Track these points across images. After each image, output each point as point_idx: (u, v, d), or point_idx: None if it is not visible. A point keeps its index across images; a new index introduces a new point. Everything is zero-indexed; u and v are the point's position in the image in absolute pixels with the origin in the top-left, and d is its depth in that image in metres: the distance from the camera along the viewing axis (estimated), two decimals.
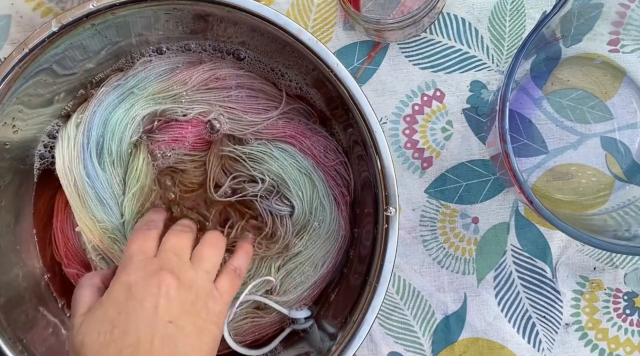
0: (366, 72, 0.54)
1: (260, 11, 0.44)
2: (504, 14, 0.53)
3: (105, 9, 0.44)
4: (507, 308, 0.53)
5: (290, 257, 0.50)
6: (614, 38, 0.49)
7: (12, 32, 0.55)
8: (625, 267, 0.53)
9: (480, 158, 0.53)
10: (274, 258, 0.50)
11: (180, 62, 0.50)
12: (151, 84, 0.49)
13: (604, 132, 0.50)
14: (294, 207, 0.49)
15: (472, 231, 0.53)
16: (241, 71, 0.50)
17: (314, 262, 0.50)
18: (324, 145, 0.50)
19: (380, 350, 0.54)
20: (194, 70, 0.49)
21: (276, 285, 0.50)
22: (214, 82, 0.49)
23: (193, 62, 0.50)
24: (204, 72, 0.49)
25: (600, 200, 0.50)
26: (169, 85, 0.49)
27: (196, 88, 0.49)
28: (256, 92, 0.50)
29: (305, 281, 0.50)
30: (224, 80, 0.50)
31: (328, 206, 0.49)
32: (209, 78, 0.49)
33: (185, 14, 0.47)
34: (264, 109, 0.49)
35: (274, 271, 0.50)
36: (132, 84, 0.49)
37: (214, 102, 0.49)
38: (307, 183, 0.49)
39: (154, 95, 0.49)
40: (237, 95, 0.49)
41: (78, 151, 0.48)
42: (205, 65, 0.50)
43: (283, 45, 0.48)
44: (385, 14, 0.53)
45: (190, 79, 0.49)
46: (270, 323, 0.51)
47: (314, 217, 0.49)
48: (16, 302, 0.48)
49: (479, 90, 0.53)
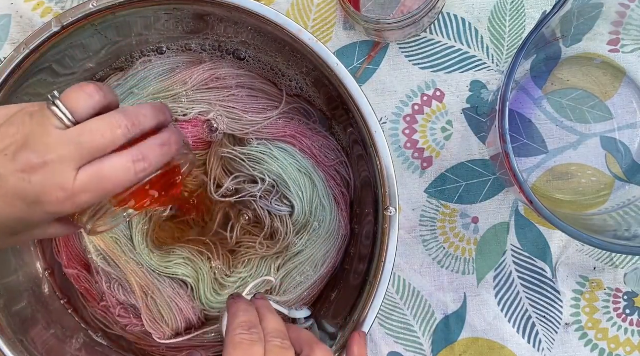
0: (366, 72, 0.54)
1: (260, 11, 0.44)
2: (504, 14, 0.53)
3: (105, 9, 0.44)
4: (507, 308, 0.53)
5: (290, 257, 0.50)
6: (614, 38, 0.49)
7: (12, 32, 0.55)
8: (625, 267, 0.53)
9: (480, 158, 0.53)
10: (274, 258, 0.50)
11: (180, 62, 0.50)
12: (151, 83, 0.49)
13: (604, 132, 0.50)
14: (294, 207, 0.49)
15: (472, 231, 0.53)
16: (241, 71, 0.50)
17: (314, 262, 0.50)
18: (324, 145, 0.50)
19: (380, 350, 0.54)
20: (194, 70, 0.49)
21: (276, 285, 0.50)
22: (214, 81, 0.49)
23: (193, 62, 0.50)
24: (204, 71, 0.49)
25: (600, 200, 0.50)
26: (169, 85, 0.49)
27: (196, 88, 0.49)
28: (256, 92, 0.50)
29: (305, 281, 0.50)
30: (224, 80, 0.50)
31: (328, 206, 0.49)
32: (209, 78, 0.49)
33: (186, 14, 0.47)
34: (264, 109, 0.49)
35: (273, 271, 0.50)
36: (132, 83, 0.49)
37: (214, 102, 0.49)
38: (307, 183, 0.49)
39: (154, 95, 0.49)
40: (237, 94, 0.49)
41: None
42: (205, 64, 0.50)
43: (283, 45, 0.48)
44: (385, 14, 0.53)
45: (190, 79, 0.49)
46: None
47: (314, 217, 0.49)
48: (17, 302, 0.48)
49: (479, 90, 0.53)
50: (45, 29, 0.44)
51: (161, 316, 0.50)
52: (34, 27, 0.54)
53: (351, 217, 0.51)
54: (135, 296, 0.50)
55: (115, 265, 0.50)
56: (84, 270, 0.52)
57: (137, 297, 0.50)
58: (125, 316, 0.51)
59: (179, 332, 0.51)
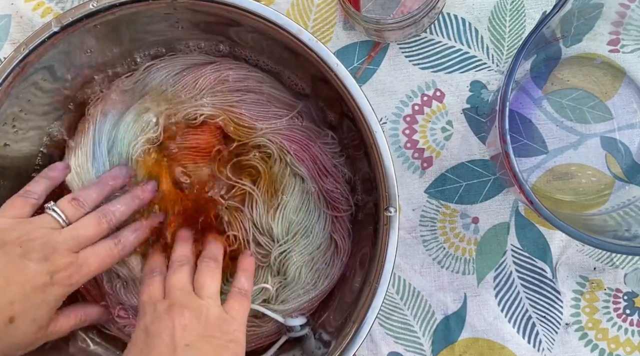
0: (366, 72, 0.54)
1: (260, 11, 0.44)
2: (504, 14, 0.53)
3: (105, 9, 0.44)
4: (507, 308, 0.53)
5: (283, 277, 0.50)
6: (614, 38, 0.49)
7: (12, 32, 0.55)
8: (625, 267, 0.53)
9: (480, 158, 0.53)
10: (269, 267, 0.50)
11: (184, 65, 0.50)
12: (156, 87, 0.49)
13: (604, 132, 0.50)
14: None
15: (472, 231, 0.53)
16: (250, 74, 0.50)
17: (306, 283, 0.50)
18: (326, 156, 0.50)
19: (380, 350, 0.54)
20: (199, 73, 0.49)
21: (273, 294, 0.50)
22: (220, 84, 0.49)
23: (198, 65, 0.50)
24: (211, 73, 0.49)
25: (600, 200, 0.50)
26: (174, 89, 0.49)
27: (203, 92, 0.49)
28: (266, 97, 0.50)
29: (305, 294, 0.50)
30: (232, 83, 0.49)
31: (317, 215, 0.49)
32: (215, 81, 0.49)
33: (186, 15, 0.47)
34: (272, 116, 0.49)
35: (271, 280, 0.50)
36: (138, 87, 0.50)
37: (222, 106, 0.49)
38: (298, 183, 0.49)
39: (161, 99, 0.49)
40: (244, 99, 0.49)
41: (87, 155, 0.49)
42: (212, 66, 0.49)
43: (290, 50, 0.48)
44: (385, 14, 0.53)
45: (197, 83, 0.49)
46: (267, 334, 0.51)
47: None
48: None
49: (479, 90, 0.53)
50: (45, 29, 0.44)
51: None
52: (34, 27, 0.54)
53: (350, 232, 0.51)
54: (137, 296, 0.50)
55: (123, 263, 0.50)
56: None
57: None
58: (125, 316, 0.51)
59: None
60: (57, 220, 0.44)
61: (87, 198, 0.45)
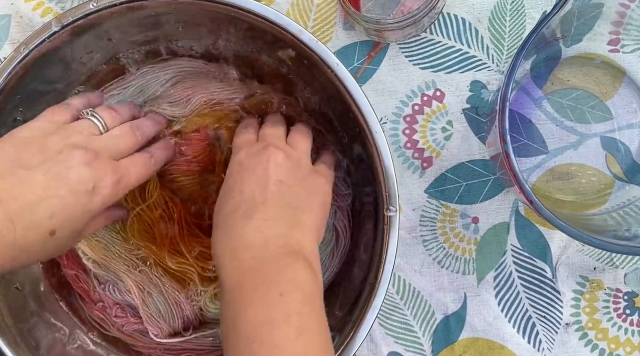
0: (366, 72, 0.54)
1: (260, 11, 0.44)
2: (504, 14, 0.53)
3: (105, 9, 0.44)
4: (507, 308, 0.53)
5: None
6: (614, 38, 0.49)
7: (12, 32, 0.55)
8: (625, 267, 0.53)
9: (480, 158, 0.53)
10: None
11: (181, 70, 0.50)
12: (151, 92, 0.50)
13: (604, 132, 0.50)
14: None
15: (472, 231, 0.53)
16: (244, 85, 0.50)
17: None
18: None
19: (380, 350, 0.54)
20: (194, 90, 0.49)
21: None
22: (212, 106, 0.50)
23: (196, 72, 0.50)
24: (202, 96, 0.50)
25: (600, 200, 0.50)
26: (170, 95, 0.49)
27: (196, 109, 0.50)
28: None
29: None
30: (223, 105, 0.50)
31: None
32: (206, 103, 0.50)
33: (186, 15, 0.47)
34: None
35: None
36: (131, 92, 0.50)
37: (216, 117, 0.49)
38: None
39: (153, 105, 0.49)
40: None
41: None
42: (208, 79, 0.50)
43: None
44: (385, 14, 0.53)
45: (191, 101, 0.49)
46: None
47: None
48: (16, 302, 0.48)
49: (479, 90, 0.53)
50: (45, 29, 0.44)
51: (158, 312, 0.50)
52: (34, 27, 0.54)
53: (351, 224, 0.51)
54: (131, 295, 0.50)
55: (106, 267, 0.50)
56: (81, 271, 0.52)
57: (132, 295, 0.50)
58: (122, 316, 0.51)
59: (177, 331, 0.51)
60: (97, 125, 0.42)
61: (121, 111, 0.45)
